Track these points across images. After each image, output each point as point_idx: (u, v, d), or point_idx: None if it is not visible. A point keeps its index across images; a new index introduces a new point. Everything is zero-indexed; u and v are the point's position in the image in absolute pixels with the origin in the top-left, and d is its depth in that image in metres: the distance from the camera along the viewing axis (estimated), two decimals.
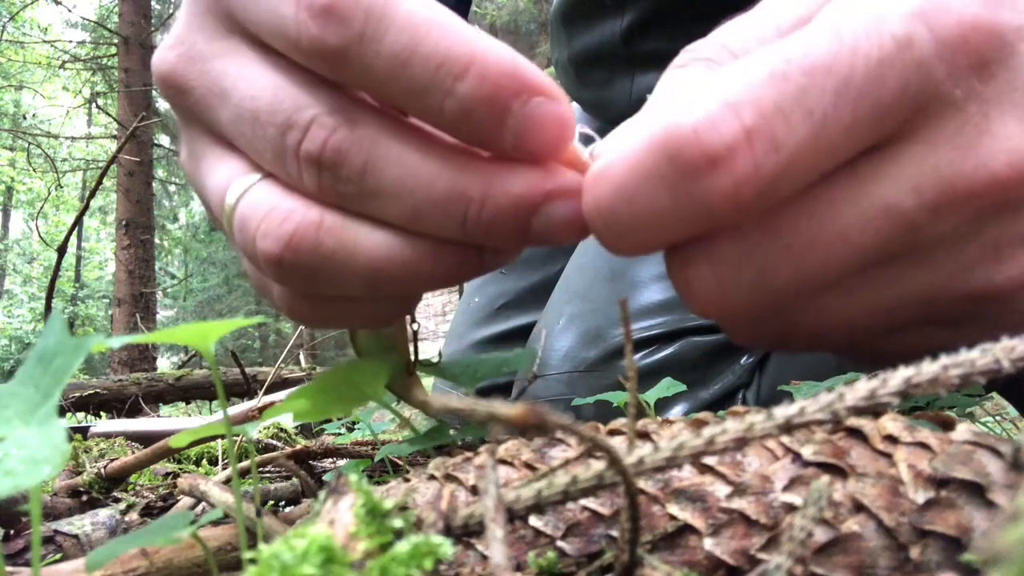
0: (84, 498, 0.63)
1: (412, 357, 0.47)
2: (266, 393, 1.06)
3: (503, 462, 0.30)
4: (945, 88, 0.27)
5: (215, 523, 0.41)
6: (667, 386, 0.57)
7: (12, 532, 0.50)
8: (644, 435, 0.30)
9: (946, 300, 0.31)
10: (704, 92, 0.27)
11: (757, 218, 0.29)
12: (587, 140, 0.33)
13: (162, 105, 8.06)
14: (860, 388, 0.22)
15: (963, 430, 0.27)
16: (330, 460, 0.81)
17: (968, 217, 0.28)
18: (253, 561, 0.21)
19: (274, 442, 0.94)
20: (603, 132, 0.33)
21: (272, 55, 0.33)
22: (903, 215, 0.28)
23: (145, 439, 1.07)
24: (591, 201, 0.29)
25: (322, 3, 0.29)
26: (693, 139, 0.26)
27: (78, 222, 2.60)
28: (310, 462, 0.67)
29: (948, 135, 0.28)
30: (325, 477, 0.64)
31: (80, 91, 9.19)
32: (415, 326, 0.46)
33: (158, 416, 2.47)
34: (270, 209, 0.33)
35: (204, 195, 0.38)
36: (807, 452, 0.26)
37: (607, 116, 1.04)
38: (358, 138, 0.31)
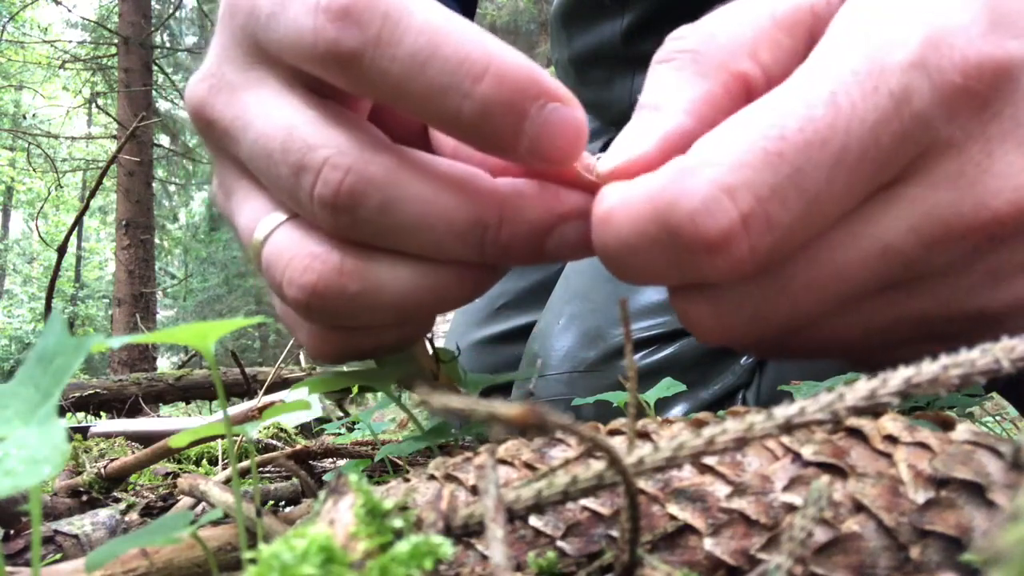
0: (84, 498, 0.63)
1: (434, 363, 0.48)
2: (266, 393, 1.06)
3: (503, 462, 0.30)
4: (945, 133, 0.27)
5: (215, 523, 0.41)
6: (667, 386, 0.57)
7: (12, 532, 0.50)
8: (644, 435, 0.30)
9: (943, 321, 0.31)
10: (700, 167, 0.27)
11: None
12: None
13: (162, 105, 8.06)
14: (860, 388, 0.22)
15: (963, 430, 0.27)
16: (330, 460, 0.81)
17: (965, 252, 0.28)
18: (253, 561, 0.21)
19: (274, 442, 0.94)
20: (603, 132, 0.33)
21: (292, 87, 0.33)
22: (900, 254, 0.28)
23: (145, 439, 1.07)
24: (598, 240, 0.30)
25: (340, 5, 0.29)
26: (691, 225, 0.26)
27: (78, 222, 2.60)
28: (310, 462, 0.67)
29: (948, 176, 0.27)
30: (325, 477, 0.64)
31: (80, 91, 9.19)
32: (430, 335, 0.47)
33: (158, 416, 2.47)
34: (292, 256, 0.33)
35: (234, 230, 0.38)
36: (807, 452, 0.26)
37: (607, 116, 1.04)
38: (372, 177, 0.31)
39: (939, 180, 0.28)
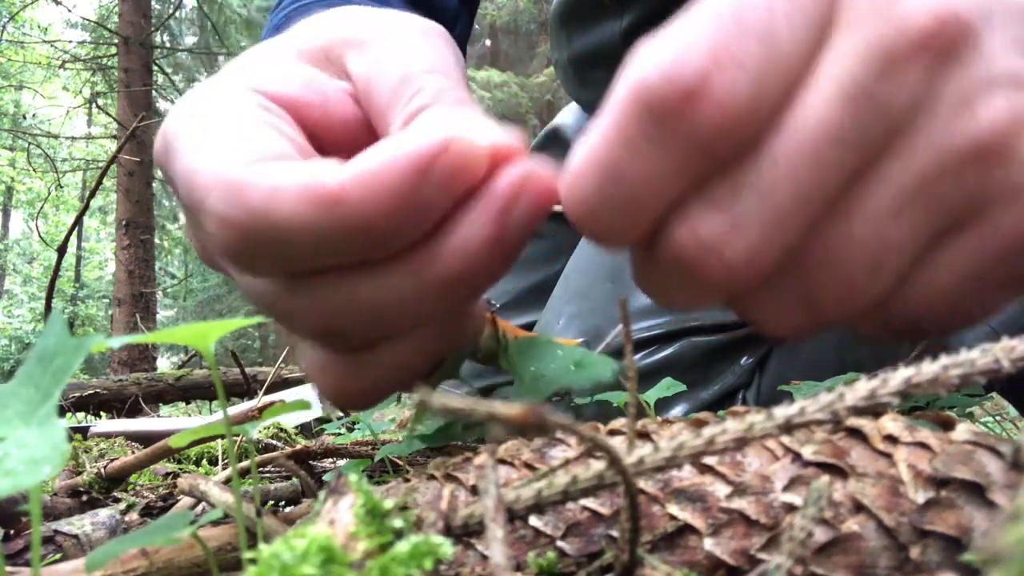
0: (84, 498, 0.63)
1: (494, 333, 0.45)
2: (266, 393, 1.06)
3: (503, 462, 0.30)
4: None
5: (215, 523, 0.41)
6: (667, 386, 0.57)
7: (12, 532, 0.50)
8: (644, 435, 0.30)
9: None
10: (654, 49, 0.27)
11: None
12: None
13: (162, 105, 8.06)
14: (860, 388, 0.22)
15: (963, 430, 0.27)
16: (330, 460, 0.81)
17: (920, 79, 0.27)
18: (253, 561, 0.21)
19: (274, 442, 0.94)
20: None
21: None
22: (866, 96, 0.27)
23: (145, 439, 1.07)
24: (576, 200, 0.29)
25: None
26: (664, 83, 0.26)
27: (78, 222, 2.60)
28: (310, 462, 0.67)
29: (865, 11, 0.28)
30: (325, 477, 0.64)
31: (80, 91, 9.19)
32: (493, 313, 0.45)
33: (158, 416, 2.47)
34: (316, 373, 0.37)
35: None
36: (807, 452, 0.26)
37: None
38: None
39: (863, 15, 0.28)
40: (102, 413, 2.48)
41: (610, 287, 0.87)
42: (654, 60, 0.27)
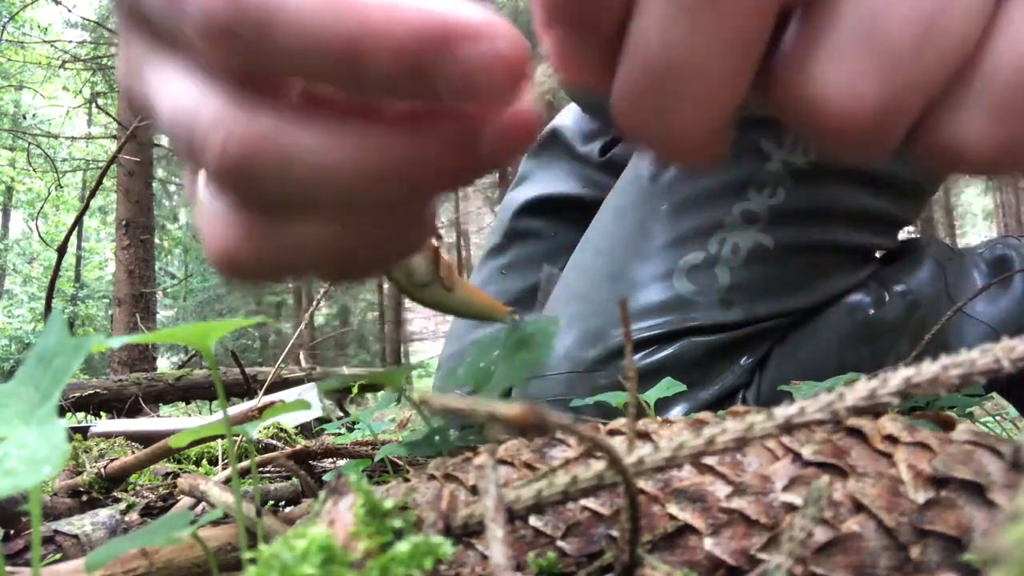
0: (84, 498, 0.63)
1: (448, 273, 0.41)
2: (266, 393, 1.06)
3: (503, 462, 0.30)
4: None
5: (215, 523, 0.41)
6: (667, 386, 0.57)
7: (12, 532, 0.50)
8: (644, 435, 0.30)
9: None
10: None
11: None
12: None
13: None
14: (860, 388, 0.22)
15: (963, 430, 0.27)
16: (330, 460, 0.81)
17: None
18: (253, 561, 0.21)
19: (274, 442, 0.94)
20: (603, 132, 0.32)
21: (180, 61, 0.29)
22: None
23: (145, 439, 1.07)
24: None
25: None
26: None
27: (78, 222, 2.60)
28: (310, 462, 0.67)
29: None
30: (325, 477, 0.64)
31: (80, 91, 9.19)
32: (438, 241, 0.40)
33: (158, 416, 2.47)
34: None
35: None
36: (807, 452, 0.26)
37: (607, 117, 1.03)
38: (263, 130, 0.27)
39: None
40: (102, 413, 2.48)
41: (610, 287, 0.88)
42: None
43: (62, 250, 2.34)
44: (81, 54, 8.17)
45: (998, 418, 0.89)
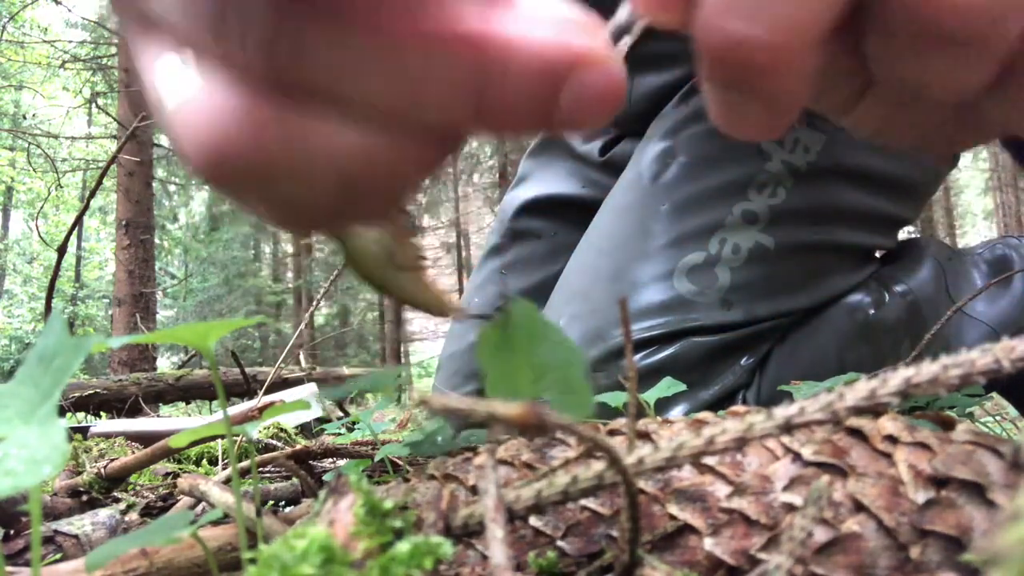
0: (84, 498, 0.63)
1: (413, 253, 0.37)
2: (266, 393, 1.06)
3: (503, 462, 0.30)
4: None
5: (215, 523, 0.41)
6: (667, 386, 0.57)
7: (12, 532, 0.50)
8: (644, 435, 0.30)
9: None
10: None
11: None
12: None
13: None
14: (860, 388, 0.22)
15: (963, 430, 0.27)
16: (330, 460, 0.81)
17: None
18: (253, 561, 0.21)
19: (274, 442, 0.94)
20: (603, 132, 0.32)
21: None
22: None
23: (145, 439, 1.07)
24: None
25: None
26: None
27: (78, 222, 2.60)
28: (310, 462, 0.67)
29: None
30: (325, 477, 0.64)
31: (80, 91, 9.19)
32: (408, 218, 0.39)
33: (158, 416, 2.47)
34: (198, 112, 0.26)
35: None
36: (807, 452, 0.26)
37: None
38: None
39: None
40: (102, 413, 2.48)
41: (610, 287, 0.88)
42: None
43: (62, 250, 2.34)
44: (81, 54, 8.17)
45: (998, 418, 0.89)
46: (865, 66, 0.29)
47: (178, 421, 1.50)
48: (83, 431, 1.14)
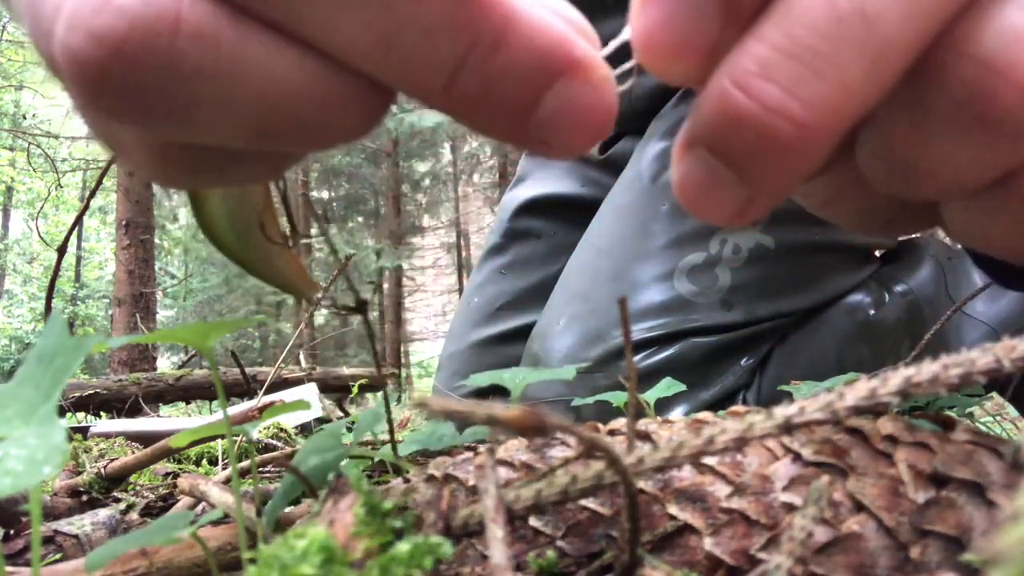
0: (84, 498, 0.63)
1: (282, 227, 0.34)
2: (266, 393, 1.06)
3: (503, 462, 0.30)
4: None
5: (215, 523, 0.41)
6: (667, 386, 0.57)
7: (12, 532, 0.50)
8: (644, 435, 0.30)
9: None
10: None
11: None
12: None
13: None
14: (860, 388, 0.22)
15: (963, 430, 0.27)
16: None
17: None
18: (253, 561, 0.21)
19: (274, 442, 0.94)
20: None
21: None
22: None
23: (145, 439, 1.07)
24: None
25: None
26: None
27: (78, 222, 2.60)
28: None
29: None
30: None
31: None
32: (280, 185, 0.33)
33: (158, 416, 2.47)
34: None
35: None
36: (807, 452, 0.26)
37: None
38: None
39: None
40: (102, 413, 2.48)
41: (610, 288, 0.88)
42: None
43: (62, 250, 2.33)
44: None
45: (998, 418, 0.89)
46: (847, 145, 0.27)
47: (178, 421, 1.50)
48: (83, 431, 1.14)
